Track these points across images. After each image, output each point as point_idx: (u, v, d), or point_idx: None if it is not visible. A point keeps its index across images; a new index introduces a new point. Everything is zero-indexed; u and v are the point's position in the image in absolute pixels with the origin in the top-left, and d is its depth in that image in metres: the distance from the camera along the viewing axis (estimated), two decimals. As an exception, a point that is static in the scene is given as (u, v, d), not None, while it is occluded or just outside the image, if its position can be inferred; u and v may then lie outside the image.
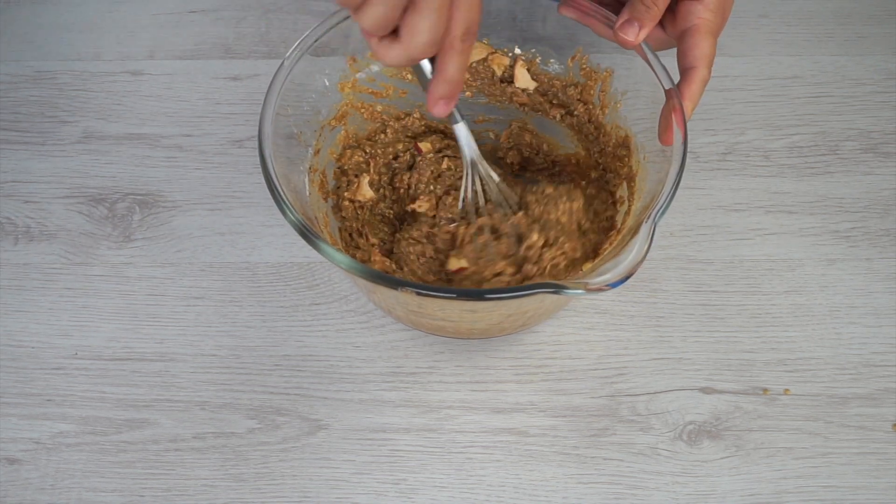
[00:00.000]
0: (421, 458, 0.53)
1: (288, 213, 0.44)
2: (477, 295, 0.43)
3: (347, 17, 0.50)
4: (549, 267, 0.50)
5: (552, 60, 0.55)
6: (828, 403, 0.54)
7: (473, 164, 0.51)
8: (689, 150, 0.63)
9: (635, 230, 0.43)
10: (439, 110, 0.43)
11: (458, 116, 0.48)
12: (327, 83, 0.53)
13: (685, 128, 0.46)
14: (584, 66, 0.54)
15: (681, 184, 0.61)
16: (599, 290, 0.41)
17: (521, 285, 0.48)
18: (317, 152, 0.53)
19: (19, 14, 0.71)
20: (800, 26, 0.69)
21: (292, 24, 0.70)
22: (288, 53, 0.49)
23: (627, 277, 0.41)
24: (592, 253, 0.52)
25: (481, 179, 0.52)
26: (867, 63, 0.67)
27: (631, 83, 0.52)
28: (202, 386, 0.55)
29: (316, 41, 0.49)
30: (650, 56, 0.48)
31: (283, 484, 0.52)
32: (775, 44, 0.69)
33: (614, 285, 0.41)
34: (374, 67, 0.54)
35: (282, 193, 0.44)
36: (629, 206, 0.51)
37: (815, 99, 0.66)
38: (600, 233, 0.53)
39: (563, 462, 0.52)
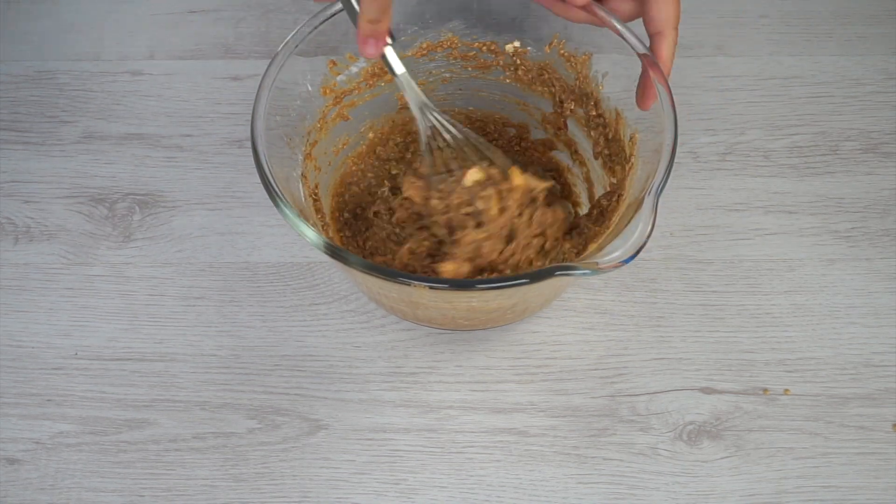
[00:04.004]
0: (421, 458, 0.53)
1: (283, 207, 0.44)
2: (469, 286, 0.43)
3: (332, 16, 0.49)
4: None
5: (530, 49, 0.55)
6: (828, 403, 0.54)
7: (423, 112, 0.50)
8: (689, 149, 0.63)
9: (637, 206, 0.43)
10: (369, 50, 0.43)
11: (393, 64, 0.47)
12: (310, 88, 0.52)
13: (669, 88, 0.46)
14: (562, 51, 0.54)
15: (681, 184, 0.62)
16: (611, 268, 0.41)
17: (529, 272, 0.48)
18: (306, 157, 0.53)
19: (19, 14, 0.71)
20: (800, 26, 0.69)
21: (292, 24, 0.70)
22: (277, 50, 0.49)
23: (637, 252, 0.41)
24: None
25: (438, 132, 0.51)
26: (867, 63, 0.67)
27: (609, 64, 0.52)
28: (202, 386, 0.55)
29: (299, 43, 0.49)
30: (620, 28, 0.48)
31: (283, 484, 0.52)
32: (775, 44, 0.69)
33: (626, 261, 0.41)
34: (353, 69, 0.54)
35: (278, 190, 0.44)
36: (624, 185, 0.51)
37: (815, 99, 0.66)
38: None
39: (563, 462, 0.52)
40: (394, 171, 0.60)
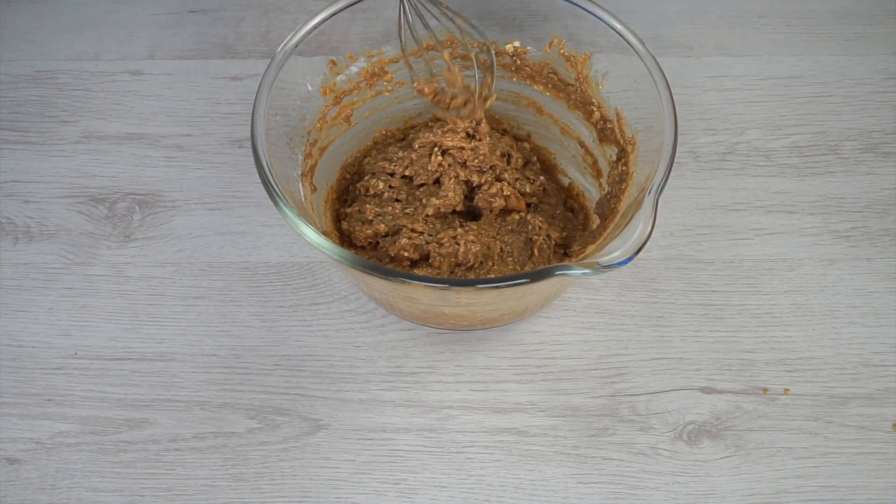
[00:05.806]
0: (421, 458, 0.53)
1: (283, 208, 0.44)
2: (469, 284, 0.43)
3: (332, 16, 0.49)
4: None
5: (530, 48, 0.55)
6: (828, 403, 0.54)
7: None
8: (689, 149, 0.63)
9: (637, 205, 0.43)
10: None
11: None
12: (310, 88, 0.52)
13: (669, 88, 0.46)
14: (563, 50, 0.54)
15: (681, 184, 0.62)
16: (610, 267, 0.41)
17: (527, 272, 0.48)
18: (307, 156, 0.53)
19: (19, 14, 0.71)
20: (800, 26, 0.69)
21: (292, 24, 0.70)
22: (277, 50, 0.49)
23: (637, 252, 0.41)
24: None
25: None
26: (867, 63, 0.67)
27: (609, 64, 0.52)
28: (202, 386, 0.55)
29: (299, 43, 0.49)
30: (620, 28, 0.48)
31: (283, 484, 0.52)
32: (775, 44, 0.69)
33: (626, 261, 0.41)
34: (353, 69, 0.54)
35: (278, 190, 0.44)
36: (625, 185, 0.51)
37: (815, 99, 0.66)
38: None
39: (563, 462, 0.52)
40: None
